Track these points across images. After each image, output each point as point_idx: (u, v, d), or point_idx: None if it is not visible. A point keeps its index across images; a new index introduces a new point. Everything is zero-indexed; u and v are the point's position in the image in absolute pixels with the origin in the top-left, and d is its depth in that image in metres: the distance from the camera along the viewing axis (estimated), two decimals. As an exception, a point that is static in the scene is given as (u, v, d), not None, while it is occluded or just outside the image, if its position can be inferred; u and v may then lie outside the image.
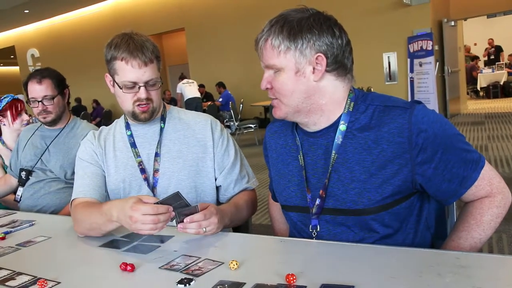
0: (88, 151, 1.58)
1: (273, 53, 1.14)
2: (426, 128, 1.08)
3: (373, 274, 0.92)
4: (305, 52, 1.11)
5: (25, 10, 13.57)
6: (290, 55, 1.12)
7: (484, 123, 8.29)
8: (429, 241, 1.23)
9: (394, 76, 9.15)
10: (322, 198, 1.17)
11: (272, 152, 1.36)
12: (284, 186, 1.29)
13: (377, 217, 1.12)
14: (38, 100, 2.08)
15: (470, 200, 1.15)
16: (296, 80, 1.14)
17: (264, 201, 4.57)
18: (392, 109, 1.12)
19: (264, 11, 10.58)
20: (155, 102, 1.50)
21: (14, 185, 2.26)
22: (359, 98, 1.19)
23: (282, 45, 1.12)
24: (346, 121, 1.16)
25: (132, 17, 13.06)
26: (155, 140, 1.54)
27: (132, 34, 1.46)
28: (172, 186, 1.50)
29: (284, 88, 1.15)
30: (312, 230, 1.19)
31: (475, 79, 13.21)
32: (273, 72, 1.16)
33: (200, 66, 12.40)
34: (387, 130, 1.10)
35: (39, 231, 1.50)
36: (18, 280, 1.07)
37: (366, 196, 1.11)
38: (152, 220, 1.15)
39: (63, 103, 2.17)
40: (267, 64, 1.17)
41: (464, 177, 1.10)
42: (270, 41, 1.14)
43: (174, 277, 0.99)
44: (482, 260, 0.96)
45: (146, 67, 1.43)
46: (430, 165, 1.09)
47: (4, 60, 20.39)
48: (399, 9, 8.86)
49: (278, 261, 1.02)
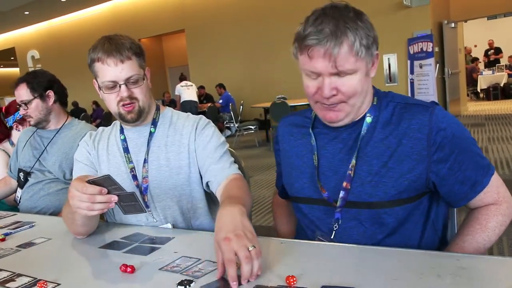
0: (83, 152, 1.58)
1: (352, 58, 1.07)
2: (445, 127, 1.10)
3: (374, 276, 0.91)
4: (372, 51, 1.12)
5: (25, 12, 13.59)
6: (366, 56, 1.10)
7: (485, 124, 8.29)
8: (436, 244, 1.23)
9: (394, 78, 9.16)
10: (347, 190, 1.16)
11: (285, 145, 1.36)
12: (296, 177, 1.29)
13: (390, 211, 1.13)
14: (19, 104, 2.12)
15: (477, 206, 1.16)
16: (366, 81, 1.14)
17: (264, 202, 4.58)
18: (413, 107, 1.15)
19: (264, 13, 10.64)
20: (140, 101, 1.45)
21: (14, 187, 2.26)
22: (381, 94, 1.22)
23: (362, 48, 1.08)
24: (372, 114, 1.19)
25: (131, 18, 13.07)
26: (145, 145, 1.52)
27: (112, 36, 1.44)
28: (162, 194, 1.48)
29: (357, 91, 1.12)
30: (334, 223, 1.19)
31: (475, 80, 13.21)
32: (338, 77, 1.10)
33: (200, 68, 12.41)
34: (408, 126, 1.13)
35: (39, 233, 1.50)
36: (18, 282, 1.07)
37: (382, 189, 1.12)
38: (88, 197, 1.10)
39: (45, 105, 2.13)
40: (342, 70, 1.08)
41: (475, 181, 1.12)
42: (351, 46, 1.06)
43: (175, 279, 0.99)
44: (482, 262, 0.96)
45: (123, 64, 1.40)
46: (445, 165, 1.11)
47: (5, 62, 20.42)
48: (399, 10, 8.87)
49: (278, 263, 1.02)
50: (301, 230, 1.32)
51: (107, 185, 1.13)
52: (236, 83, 11.41)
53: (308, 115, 1.33)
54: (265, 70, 11.01)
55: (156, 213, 1.49)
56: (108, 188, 1.13)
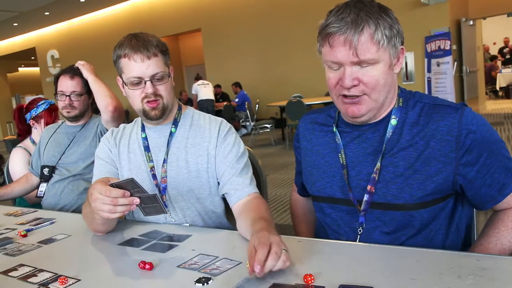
0: (104, 149, 1.58)
1: (374, 46, 1.07)
2: (475, 130, 1.08)
3: (392, 276, 0.91)
4: (397, 45, 1.11)
5: (46, 13, 13.79)
6: (388, 47, 1.09)
7: (504, 123, 8.15)
8: (459, 245, 1.21)
9: (411, 76, 9.05)
10: (371, 193, 1.15)
11: (306, 143, 1.35)
12: (318, 177, 1.28)
13: (415, 214, 1.12)
14: (66, 94, 2.18)
15: (503, 208, 1.14)
16: (389, 74, 1.12)
17: (281, 201, 4.57)
18: (442, 108, 1.13)
19: (280, 12, 10.62)
20: (165, 98, 1.46)
21: (35, 184, 2.29)
22: (407, 95, 1.20)
23: (384, 37, 1.07)
24: (397, 115, 1.16)
25: (149, 18, 13.17)
26: (165, 145, 1.51)
27: (138, 33, 1.45)
28: (179, 196, 1.48)
29: (379, 83, 1.11)
30: (359, 227, 1.18)
31: (494, 79, 12.98)
32: (359, 67, 1.09)
33: (217, 67, 12.44)
34: (436, 128, 1.10)
35: (60, 229, 1.52)
36: (39, 277, 1.09)
37: (408, 191, 1.11)
38: (111, 200, 1.11)
39: (88, 102, 2.26)
40: (364, 59, 1.07)
41: (504, 184, 1.10)
42: (370, 34, 1.06)
43: (192, 276, 1.00)
44: (503, 262, 0.94)
45: (150, 61, 1.40)
46: (474, 168, 1.09)
47: (25, 61, 20.77)
48: (417, 8, 8.76)
49: (296, 261, 1.02)
50: (322, 229, 1.31)
51: (129, 188, 1.14)
52: (252, 82, 11.41)
53: (332, 114, 1.31)
54: (281, 68, 10.99)
55: (174, 213, 1.49)
56: (131, 190, 1.14)
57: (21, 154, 2.52)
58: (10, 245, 1.38)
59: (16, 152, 2.55)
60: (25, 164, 2.47)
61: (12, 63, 19.80)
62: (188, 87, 13.66)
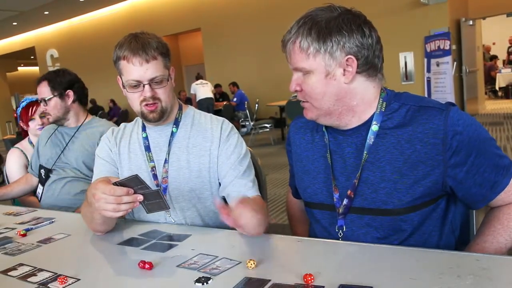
0: (105, 148, 1.57)
1: (302, 56, 1.11)
2: (461, 130, 1.06)
3: (392, 275, 0.91)
4: (335, 55, 1.09)
5: (45, 12, 13.79)
6: (319, 57, 1.10)
7: (503, 123, 8.14)
8: (453, 245, 1.21)
9: (411, 76, 9.05)
10: (350, 198, 1.16)
11: (296, 148, 1.35)
12: (309, 183, 1.27)
13: (405, 218, 1.11)
14: (39, 101, 2.19)
15: (498, 206, 1.13)
16: (326, 83, 1.12)
17: (281, 201, 4.57)
18: (427, 110, 1.11)
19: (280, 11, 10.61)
20: (163, 102, 1.45)
21: (35, 184, 2.29)
22: (392, 98, 1.18)
23: (311, 47, 1.09)
24: (378, 121, 1.15)
25: (148, 17, 13.17)
26: (166, 145, 1.51)
27: (138, 33, 1.43)
28: (180, 196, 1.47)
29: (314, 92, 1.13)
30: (339, 230, 1.18)
31: (493, 79, 12.98)
32: (302, 74, 1.14)
33: (216, 66, 12.44)
34: (422, 131, 1.09)
35: (59, 229, 1.52)
36: (39, 276, 1.09)
37: (396, 196, 1.10)
38: (115, 199, 1.11)
39: (64, 104, 2.18)
40: (296, 67, 1.14)
41: (495, 182, 1.09)
42: (298, 44, 1.11)
43: (192, 276, 1.00)
44: (503, 262, 0.95)
45: (148, 64, 1.39)
46: (462, 168, 1.08)
47: (25, 61, 20.78)
48: (416, 8, 8.76)
49: (295, 261, 1.02)
50: (314, 235, 1.31)
51: (133, 185, 1.14)
52: (251, 81, 11.41)
53: None
54: (281, 68, 10.91)
55: (174, 213, 1.49)
56: (134, 188, 1.14)
57: (16, 156, 2.49)
58: (10, 245, 1.38)
59: (11, 153, 2.53)
60: (19, 166, 2.45)
61: (12, 62, 19.81)
62: (188, 86, 13.65)
